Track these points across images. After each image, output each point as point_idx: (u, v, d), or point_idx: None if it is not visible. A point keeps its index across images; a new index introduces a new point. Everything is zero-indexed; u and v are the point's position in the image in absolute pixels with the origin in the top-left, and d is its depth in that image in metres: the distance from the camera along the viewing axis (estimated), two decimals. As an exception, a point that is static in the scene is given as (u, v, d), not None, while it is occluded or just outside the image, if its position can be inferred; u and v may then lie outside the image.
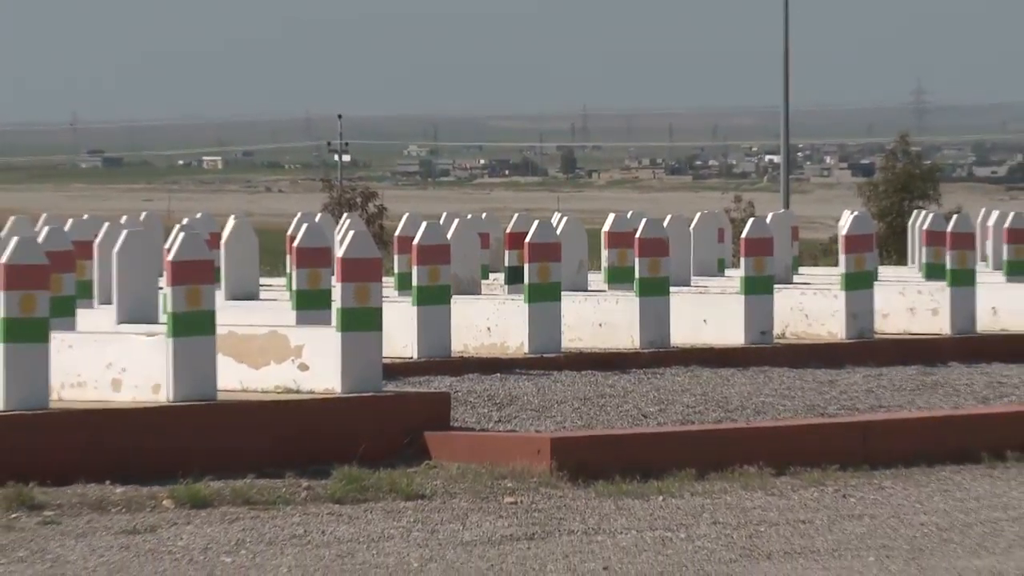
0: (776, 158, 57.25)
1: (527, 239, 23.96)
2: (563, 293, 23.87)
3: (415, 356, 22.17)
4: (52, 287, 18.69)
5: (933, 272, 27.40)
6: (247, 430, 18.03)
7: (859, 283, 25.38)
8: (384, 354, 19.60)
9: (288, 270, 23.99)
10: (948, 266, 26.45)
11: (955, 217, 27.86)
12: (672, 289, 24.62)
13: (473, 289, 25.60)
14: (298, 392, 19.01)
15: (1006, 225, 29.40)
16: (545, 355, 22.99)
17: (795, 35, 53.35)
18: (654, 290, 24.05)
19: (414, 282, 22.89)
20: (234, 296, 25.23)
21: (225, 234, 26.81)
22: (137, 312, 20.83)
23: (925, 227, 29.73)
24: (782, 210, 41.60)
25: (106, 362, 18.64)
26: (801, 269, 31.31)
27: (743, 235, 25.57)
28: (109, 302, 22.07)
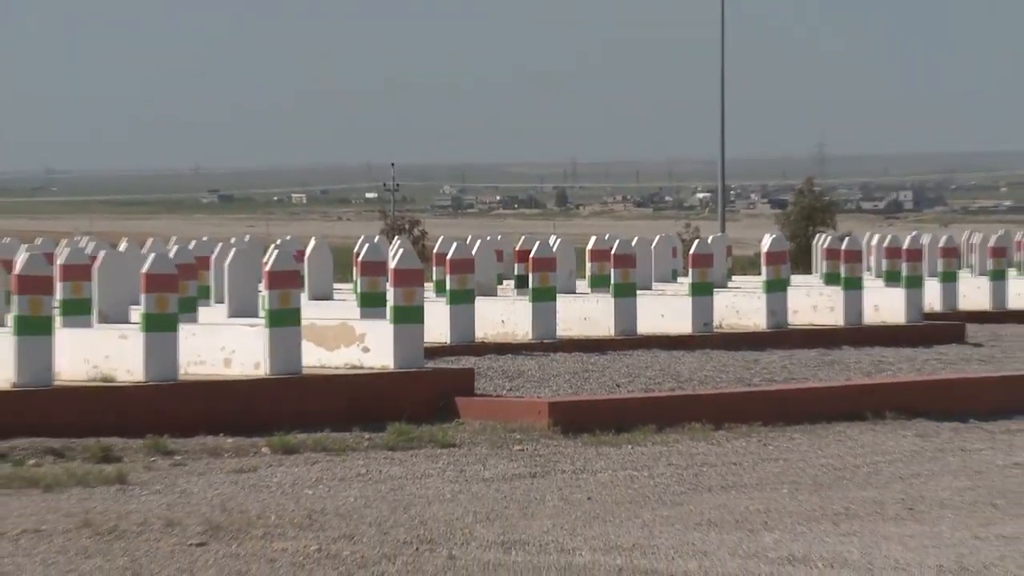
0: (714, 195, 56.12)
1: (531, 255, 24.13)
2: (557, 295, 23.90)
3: (448, 341, 22.20)
4: (180, 290, 18.69)
5: (830, 279, 27.52)
6: (324, 396, 17.82)
7: (776, 287, 25.61)
8: (425, 340, 19.60)
9: (354, 278, 23.91)
10: (842, 275, 26.49)
11: (847, 239, 27.86)
12: (638, 292, 24.70)
13: (491, 292, 25.48)
14: (361, 368, 18.93)
15: (885, 244, 29.34)
16: (544, 341, 23.12)
17: (729, 102, 53.09)
18: (625, 292, 24.28)
19: (447, 287, 23.02)
20: (314, 297, 25.11)
21: (308, 251, 26.69)
22: (242, 309, 20.91)
23: (824, 246, 29.98)
24: (719, 233, 41.10)
25: (220, 346, 18.52)
26: (734, 277, 31.11)
27: (690, 252, 25.89)
28: (222, 301, 22.19)
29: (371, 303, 21.23)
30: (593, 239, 27.06)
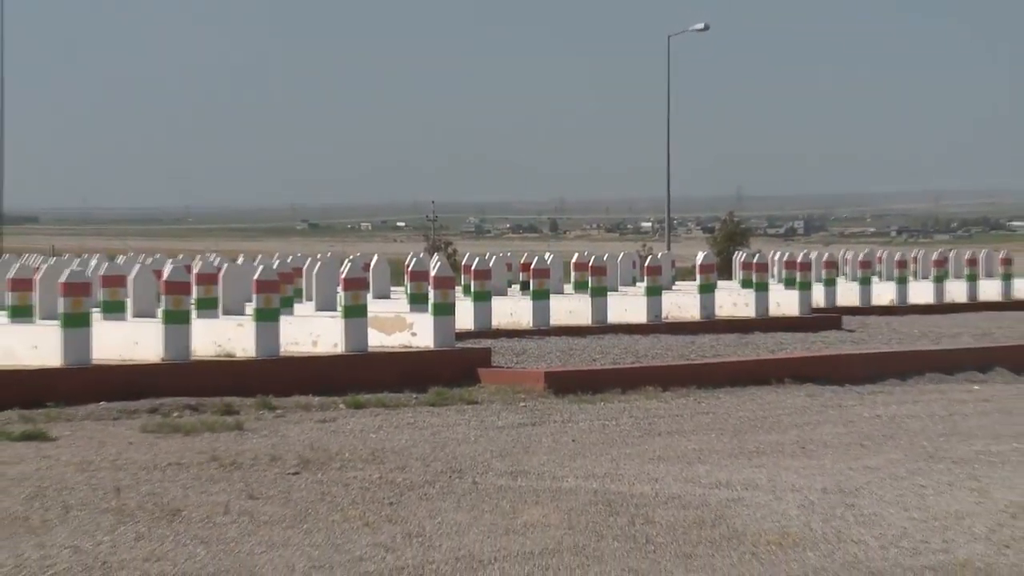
0: (663, 223, 56.36)
1: (532, 266, 24.13)
2: (550, 295, 23.89)
3: (472, 328, 22.14)
4: (281, 291, 18.62)
5: (745, 284, 27.46)
6: (384, 367, 17.60)
7: (707, 290, 25.55)
8: (456, 327, 19.47)
9: (405, 283, 23.97)
10: (754, 281, 26.50)
11: (756, 255, 27.94)
12: (608, 293, 24.71)
13: (502, 293, 25.48)
14: (410, 347, 18.82)
15: (784, 259, 29.33)
16: (541, 328, 23.03)
17: (673, 156, 53.16)
18: (599, 293, 24.27)
19: (472, 289, 23.03)
20: (377, 296, 25.16)
21: (372, 263, 26.71)
22: (326, 305, 20.35)
23: (741, 260, 30.09)
24: (666, 251, 41.31)
25: (309, 332, 18.42)
26: (677, 283, 31.13)
27: (645, 264, 25.79)
28: (311, 300, 22.09)
29: (417, 301, 21.00)
30: (576, 255, 27.11)
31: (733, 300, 26.33)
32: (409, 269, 22.89)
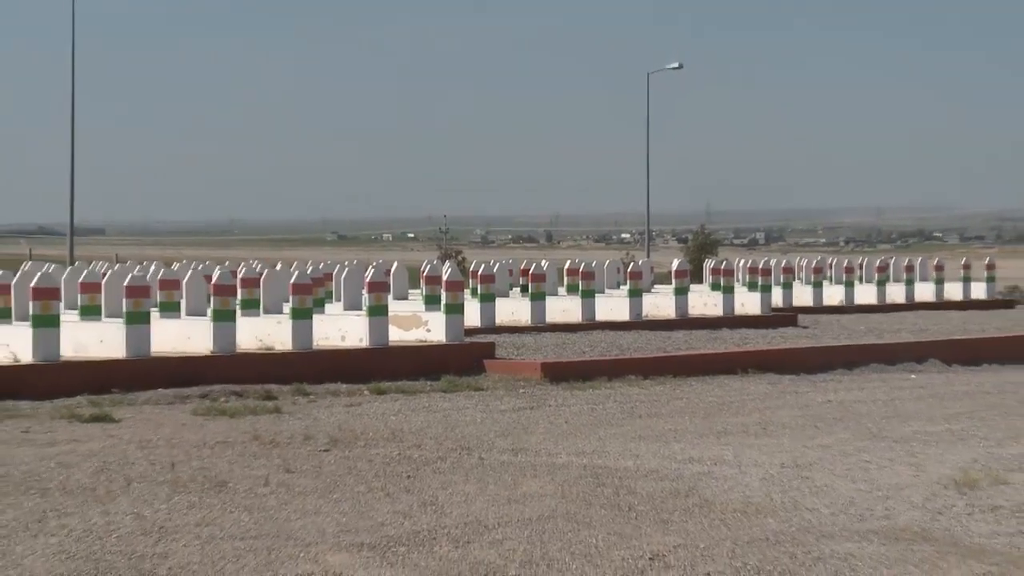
0: (644, 235, 56.45)
1: (530, 272, 24.07)
2: (546, 297, 23.88)
3: (479, 325, 22.16)
4: (314, 293, 18.51)
5: (715, 287, 27.19)
6: (402, 359, 17.50)
7: (681, 292, 25.53)
8: (465, 324, 19.37)
9: (421, 286, 23.99)
10: (722, 284, 26.34)
11: (724, 262, 27.80)
12: (596, 295, 24.70)
13: (505, 295, 25.50)
14: (425, 341, 18.73)
15: (748, 266, 29.18)
16: (538, 325, 23.03)
17: (652, 176, 53.21)
18: (588, 295, 24.24)
19: (478, 292, 23.00)
20: (396, 298, 25.15)
21: (392, 269, 26.73)
22: (352, 305, 20.40)
23: (711, 267, 29.61)
24: (646, 258, 41.38)
25: (338, 328, 18.32)
26: (655, 286, 31.18)
27: (628, 270, 25.67)
28: (340, 300, 22.04)
29: (431, 302, 20.82)
30: (568, 262, 26.90)
31: (704, 301, 26.25)
32: (424, 274, 22.88)
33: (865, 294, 32.26)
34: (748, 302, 26.57)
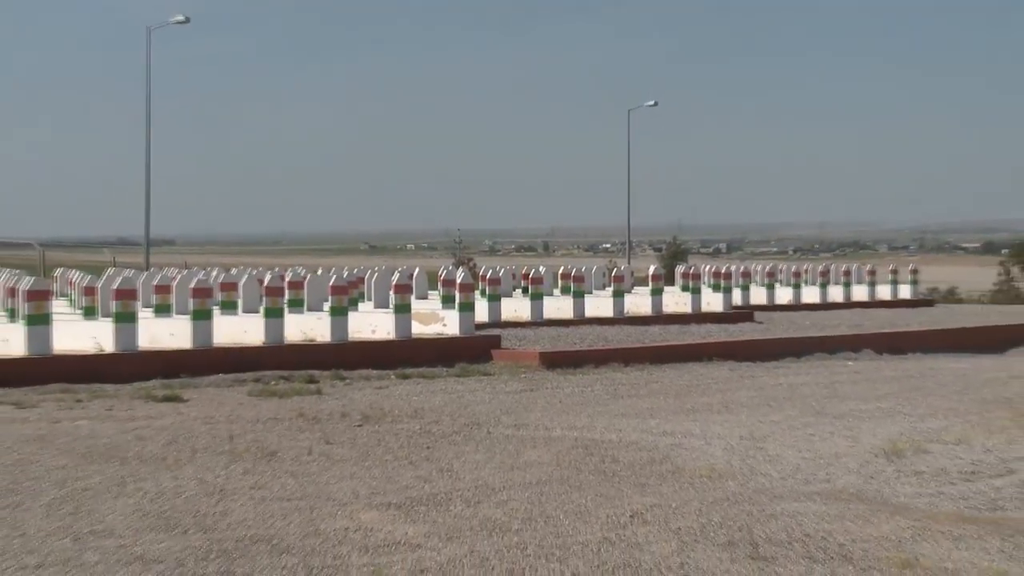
0: (625, 244, 56.11)
1: (530, 276, 23.96)
2: (544, 297, 23.77)
3: (487, 320, 22.06)
4: (349, 294, 18.34)
5: (684, 289, 26.73)
6: (423, 349, 17.37)
7: (657, 293, 25.00)
8: (475, 320, 19.23)
9: (439, 288, 23.91)
10: (690, 286, 25.70)
11: (692, 267, 27.54)
12: (586, 295, 24.58)
13: (509, 295, 25.42)
14: (443, 334, 18.52)
15: (712, 270, 28.58)
16: (537, 320, 22.91)
17: (633, 195, 52.98)
18: (578, 295, 23.99)
19: (487, 292, 22.91)
20: (418, 298, 24.98)
21: (415, 273, 26.61)
22: (381, 304, 20.53)
23: (682, 271, 29.27)
24: (627, 264, 41.23)
25: (369, 323, 18.15)
26: (635, 288, 31.08)
27: (613, 274, 25.51)
28: (371, 300, 22.00)
29: (447, 301, 20.56)
30: (562, 267, 26.79)
31: (676, 300, 25.91)
32: (441, 278, 22.89)
33: (810, 295, 31.89)
34: (713, 301, 26.02)
